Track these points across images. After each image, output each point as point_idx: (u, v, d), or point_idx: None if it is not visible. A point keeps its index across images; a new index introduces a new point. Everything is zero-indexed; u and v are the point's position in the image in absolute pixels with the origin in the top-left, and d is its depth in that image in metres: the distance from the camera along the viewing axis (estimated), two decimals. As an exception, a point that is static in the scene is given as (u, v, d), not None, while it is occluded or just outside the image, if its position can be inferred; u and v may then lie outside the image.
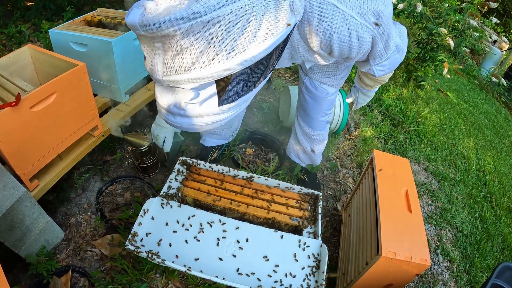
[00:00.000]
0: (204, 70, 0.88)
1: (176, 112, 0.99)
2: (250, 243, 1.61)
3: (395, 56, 1.41)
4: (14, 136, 1.43)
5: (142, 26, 0.82)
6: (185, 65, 0.87)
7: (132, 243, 1.50)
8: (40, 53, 1.75)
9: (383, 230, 1.42)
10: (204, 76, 0.89)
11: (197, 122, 1.02)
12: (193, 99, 0.94)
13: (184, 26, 0.80)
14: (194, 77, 0.89)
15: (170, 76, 0.90)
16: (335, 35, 1.18)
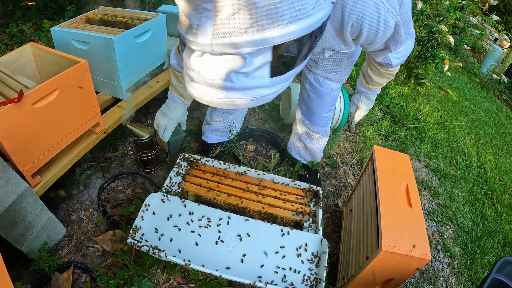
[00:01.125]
0: (265, 33, 0.79)
1: (221, 85, 0.89)
2: (251, 237, 1.61)
3: (409, 42, 1.43)
4: (17, 132, 1.44)
5: None
6: (242, 26, 0.78)
7: (134, 238, 1.51)
8: (42, 51, 1.76)
9: (383, 224, 1.43)
10: (265, 38, 0.80)
11: (242, 96, 0.91)
12: (245, 67, 0.84)
13: None
14: (252, 40, 0.79)
15: (223, 39, 0.80)
16: (366, 19, 1.18)
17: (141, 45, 2.06)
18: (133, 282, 1.59)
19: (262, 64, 0.86)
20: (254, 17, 0.77)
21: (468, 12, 3.99)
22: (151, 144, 2.05)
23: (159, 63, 2.34)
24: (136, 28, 1.99)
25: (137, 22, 2.10)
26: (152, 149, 2.09)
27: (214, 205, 1.78)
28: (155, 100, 2.33)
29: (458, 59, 5.27)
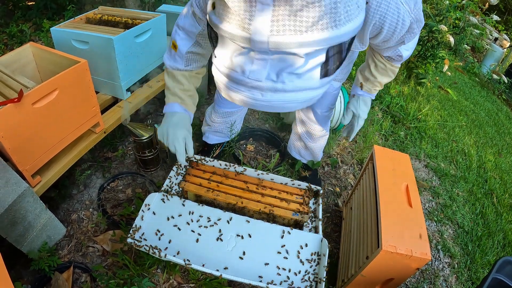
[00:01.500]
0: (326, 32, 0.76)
1: (270, 86, 0.84)
2: (250, 237, 1.61)
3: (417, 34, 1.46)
4: (17, 132, 1.44)
5: None
6: (305, 25, 0.74)
7: (133, 238, 1.51)
8: (42, 51, 1.76)
9: (383, 224, 1.43)
10: (326, 38, 0.77)
11: (292, 98, 0.87)
12: (300, 68, 0.81)
13: None
14: (314, 40, 0.76)
15: (283, 37, 0.75)
16: (388, 19, 1.18)
17: (141, 45, 2.06)
18: (133, 282, 1.59)
19: (316, 65, 0.83)
20: (318, 15, 0.73)
21: (468, 12, 3.99)
22: (151, 144, 2.05)
23: (159, 62, 2.34)
24: (136, 28, 1.99)
25: (137, 22, 2.10)
26: (152, 149, 2.09)
27: (214, 205, 1.78)
28: (155, 99, 2.33)
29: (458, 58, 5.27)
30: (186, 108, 1.61)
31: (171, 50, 1.54)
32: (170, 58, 1.56)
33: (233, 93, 0.90)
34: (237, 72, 0.84)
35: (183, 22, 1.41)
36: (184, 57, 1.49)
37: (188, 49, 1.46)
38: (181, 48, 1.46)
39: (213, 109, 2.17)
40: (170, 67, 1.57)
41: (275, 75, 0.82)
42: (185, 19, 1.40)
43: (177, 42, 1.46)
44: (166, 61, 1.58)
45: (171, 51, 1.54)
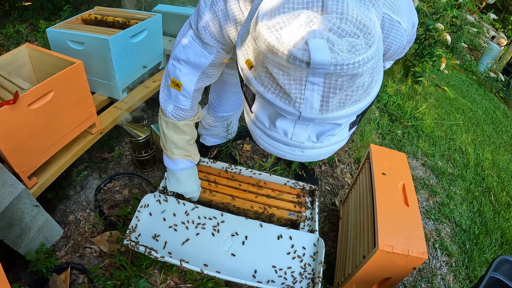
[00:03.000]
0: (365, 101, 0.84)
1: (310, 146, 0.90)
2: (247, 237, 1.61)
3: None
4: (13, 134, 1.43)
5: (335, 65, 0.71)
6: (350, 100, 0.81)
7: (130, 239, 1.51)
8: (37, 52, 1.76)
9: (379, 224, 1.43)
10: (365, 106, 0.85)
11: (327, 151, 0.95)
12: (336, 130, 0.88)
13: (370, 65, 0.75)
14: (357, 110, 0.84)
15: (328, 114, 0.80)
16: (392, 48, 1.19)
17: (137, 45, 2.06)
18: (130, 283, 1.59)
19: (347, 124, 0.90)
20: (357, 93, 0.80)
21: (465, 10, 4.00)
22: (147, 144, 2.05)
23: (155, 63, 2.33)
24: (132, 28, 1.98)
25: (133, 22, 2.10)
26: (149, 150, 2.08)
27: (211, 205, 1.78)
28: (152, 100, 2.33)
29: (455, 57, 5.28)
30: (193, 160, 1.62)
31: (170, 90, 1.36)
32: (170, 100, 1.39)
33: (272, 148, 0.94)
34: (279, 134, 0.89)
35: (185, 54, 1.26)
36: (191, 96, 1.36)
37: (196, 85, 1.33)
38: (187, 86, 1.32)
39: (208, 112, 2.14)
40: (172, 115, 1.42)
41: (315, 137, 0.88)
42: (188, 50, 1.25)
43: (180, 79, 1.31)
44: (165, 107, 1.41)
45: (170, 91, 1.36)
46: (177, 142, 1.50)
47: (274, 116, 0.87)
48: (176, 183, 1.63)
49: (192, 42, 1.23)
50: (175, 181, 1.63)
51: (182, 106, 1.39)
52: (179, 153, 1.53)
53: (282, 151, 0.92)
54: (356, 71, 0.73)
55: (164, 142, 1.53)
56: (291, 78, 0.77)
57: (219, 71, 1.37)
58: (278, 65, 0.76)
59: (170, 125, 1.46)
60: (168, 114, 1.42)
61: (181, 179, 1.62)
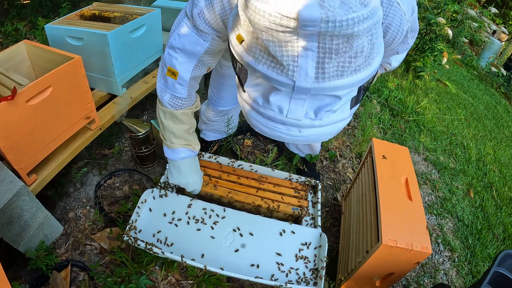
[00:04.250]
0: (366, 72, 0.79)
1: (308, 124, 0.84)
2: (249, 232, 1.60)
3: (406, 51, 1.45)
4: (11, 131, 1.42)
5: (325, 22, 0.66)
6: (348, 70, 0.76)
7: (130, 235, 1.50)
8: (36, 48, 1.74)
9: (383, 218, 1.41)
10: (365, 77, 0.79)
11: (328, 131, 0.88)
12: (337, 105, 0.83)
13: (366, 26, 0.70)
14: (357, 80, 0.78)
15: (325, 83, 0.75)
16: (390, 30, 1.15)
17: (136, 40, 2.04)
18: (131, 279, 1.58)
19: (349, 99, 0.85)
20: (355, 60, 0.75)
21: (466, 5, 3.97)
22: (147, 140, 2.03)
23: (155, 58, 2.32)
24: (131, 23, 1.96)
25: (132, 17, 2.08)
26: (149, 145, 2.07)
27: (212, 199, 1.77)
28: (151, 95, 2.31)
29: (456, 51, 5.25)
30: (193, 149, 1.58)
31: (167, 79, 1.35)
32: (166, 89, 1.38)
33: (268, 130, 0.89)
34: (273, 111, 0.84)
35: (181, 42, 1.24)
36: (188, 84, 1.34)
37: (192, 73, 1.30)
38: (183, 74, 1.30)
39: (208, 106, 2.12)
40: (169, 104, 1.41)
41: (313, 113, 0.83)
42: (183, 38, 1.22)
43: (176, 67, 1.29)
44: (162, 96, 1.41)
45: (167, 80, 1.35)
46: (176, 132, 1.48)
47: (268, 91, 0.82)
48: (177, 174, 1.60)
49: (187, 30, 1.22)
50: (177, 172, 1.59)
51: (179, 95, 1.38)
52: (178, 142, 1.51)
53: (278, 131, 0.87)
54: (351, 31, 0.68)
55: (163, 132, 1.52)
56: (282, 45, 0.73)
57: (215, 59, 1.34)
58: (268, 30, 0.72)
59: (168, 115, 1.44)
60: (165, 104, 1.41)
61: (182, 168, 1.58)
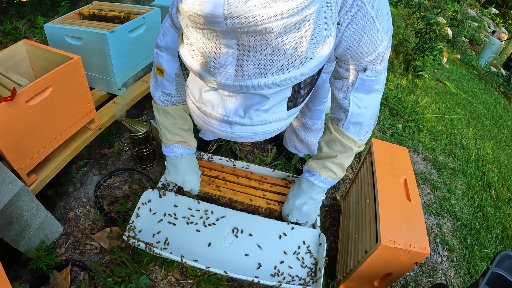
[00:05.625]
0: (296, 71, 0.77)
1: (238, 121, 0.84)
2: (248, 233, 1.60)
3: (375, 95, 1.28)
4: (11, 131, 1.42)
5: (229, 17, 0.64)
6: (271, 69, 0.74)
7: (130, 235, 1.50)
8: (35, 48, 1.75)
9: (382, 219, 1.42)
10: (296, 77, 0.77)
11: (260, 131, 0.87)
12: (265, 105, 0.81)
13: (282, 23, 0.66)
14: (275, 81, 0.76)
15: (245, 81, 0.74)
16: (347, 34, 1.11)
17: (136, 40, 2.04)
18: (131, 279, 1.58)
19: (282, 100, 0.84)
20: (282, 58, 0.73)
21: (466, 4, 3.97)
22: (147, 139, 2.04)
23: (155, 58, 2.31)
24: (130, 23, 1.96)
25: (131, 16, 2.08)
26: (148, 145, 2.07)
27: (212, 200, 1.77)
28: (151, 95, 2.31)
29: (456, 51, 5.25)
30: (189, 146, 1.60)
31: (157, 77, 1.41)
32: (157, 87, 1.44)
33: (204, 125, 0.91)
34: (207, 106, 0.85)
35: (165, 41, 1.30)
36: (174, 81, 1.39)
37: (177, 70, 1.36)
38: (169, 71, 1.36)
39: None
40: (160, 101, 1.47)
41: (242, 111, 0.82)
42: (166, 37, 1.29)
43: (162, 65, 1.35)
44: (154, 94, 1.47)
45: (157, 78, 1.41)
46: (170, 128, 1.51)
47: (202, 87, 0.83)
48: (174, 171, 1.63)
49: (169, 29, 1.28)
50: (173, 169, 1.63)
51: (168, 91, 1.42)
52: (173, 139, 1.53)
53: (211, 126, 0.88)
54: (262, 27, 0.66)
55: (159, 129, 1.57)
56: (205, 42, 0.73)
57: None
58: (190, 28, 0.72)
59: (161, 111, 1.49)
60: (157, 101, 1.47)
61: (178, 166, 1.61)
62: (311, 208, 1.60)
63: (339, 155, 1.41)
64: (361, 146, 1.41)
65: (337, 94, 1.30)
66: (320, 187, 1.52)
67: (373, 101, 1.29)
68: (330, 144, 1.42)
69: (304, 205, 1.58)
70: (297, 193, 1.60)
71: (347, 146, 1.38)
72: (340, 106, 1.32)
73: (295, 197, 1.60)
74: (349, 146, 1.38)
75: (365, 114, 1.31)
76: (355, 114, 1.30)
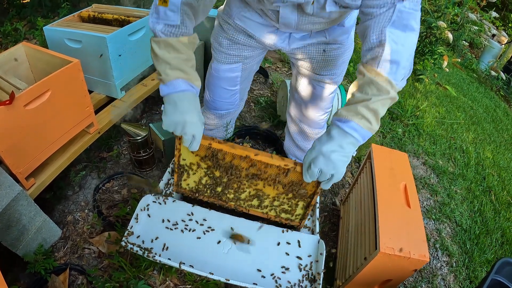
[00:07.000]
0: None
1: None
2: (246, 239, 1.60)
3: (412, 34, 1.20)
4: (9, 135, 1.42)
5: None
6: None
7: (128, 241, 1.49)
8: (34, 51, 1.74)
9: (381, 226, 1.41)
10: None
11: None
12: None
13: None
14: None
15: None
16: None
17: (135, 43, 2.04)
18: (129, 284, 1.58)
19: None
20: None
21: (467, 8, 3.97)
22: (146, 144, 2.03)
23: (154, 61, 2.31)
24: (129, 26, 1.96)
25: (131, 19, 2.07)
26: (147, 149, 2.07)
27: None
28: (150, 98, 2.31)
29: (456, 55, 5.25)
30: (192, 84, 1.35)
31: (159, 10, 1.27)
32: (159, 20, 1.29)
33: None
34: None
35: None
36: (180, 10, 1.26)
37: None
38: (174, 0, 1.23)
39: (204, 111, 2.07)
40: (162, 32, 1.30)
41: None
42: None
43: None
44: (154, 26, 1.30)
45: (160, 11, 1.27)
46: (172, 61, 1.30)
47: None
48: (173, 110, 1.31)
49: None
50: (172, 108, 1.31)
51: (172, 22, 1.28)
52: (175, 74, 1.30)
53: None
54: None
55: (158, 65, 1.33)
56: None
57: None
58: None
59: (162, 44, 1.30)
60: (158, 33, 1.30)
61: (179, 104, 1.31)
62: (340, 159, 1.25)
63: (374, 98, 1.20)
64: (397, 92, 1.25)
65: (370, 35, 1.21)
66: (353, 136, 1.23)
67: (410, 40, 1.20)
68: (363, 88, 1.23)
69: (333, 153, 1.25)
70: (324, 139, 1.29)
71: (383, 88, 1.19)
72: (374, 45, 1.20)
73: (322, 143, 1.28)
74: (385, 89, 1.19)
75: (402, 52, 1.19)
76: (392, 50, 1.18)
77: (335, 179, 1.29)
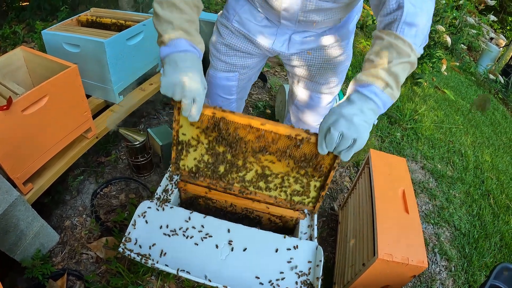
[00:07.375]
0: None
1: None
2: (244, 245, 1.59)
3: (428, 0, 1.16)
4: (7, 140, 1.41)
5: None
6: None
7: (126, 247, 1.49)
8: (32, 55, 1.74)
9: (379, 232, 1.41)
10: None
11: None
12: None
13: None
14: None
15: None
16: None
17: (133, 48, 2.04)
18: (127, 290, 1.57)
19: None
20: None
21: (465, 12, 3.99)
22: (144, 149, 2.03)
23: (152, 65, 2.31)
24: (128, 31, 1.96)
25: (130, 23, 2.07)
26: (145, 154, 2.06)
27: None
28: (148, 103, 2.31)
29: (455, 58, 5.26)
30: (196, 46, 1.24)
31: None
32: None
33: None
34: None
35: None
36: None
37: None
38: None
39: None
40: None
41: None
42: None
43: None
44: None
45: None
46: (174, 21, 1.21)
47: None
48: (172, 71, 1.18)
49: None
50: (171, 69, 1.18)
51: None
52: (177, 33, 1.20)
53: None
54: None
55: (159, 26, 1.23)
56: None
57: None
58: None
59: (165, 4, 1.22)
60: None
61: (179, 63, 1.18)
62: (363, 124, 1.13)
63: (395, 61, 1.14)
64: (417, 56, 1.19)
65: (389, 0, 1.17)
66: (374, 101, 1.14)
67: (427, 5, 1.17)
68: (382, 52, 1.17)
69: (355, 116, 1.13)
70: (344, 104, 1.18)
71: (404, 51, 1.14)
72: (393, 9, 1.16)
73: (341, 107, 1.17)
74: (406, 51, 1.14)
75: (420, 15, 1.14)
76: (411, 13, 1.13)
77: (357, 147, 1.15)
